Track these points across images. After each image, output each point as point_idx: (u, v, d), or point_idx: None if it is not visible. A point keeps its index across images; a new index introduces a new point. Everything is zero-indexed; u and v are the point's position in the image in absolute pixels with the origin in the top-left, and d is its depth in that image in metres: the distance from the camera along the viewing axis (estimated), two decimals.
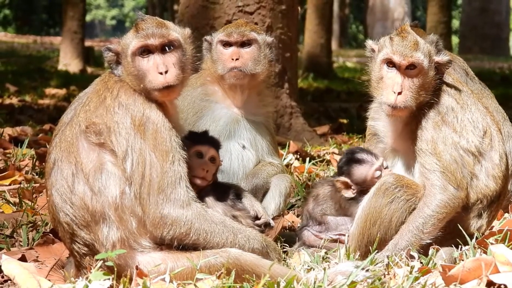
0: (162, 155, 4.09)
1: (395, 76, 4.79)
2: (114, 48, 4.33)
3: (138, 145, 4.08)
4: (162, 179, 4.07)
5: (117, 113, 4.12)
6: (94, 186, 4.06)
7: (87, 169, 4.08)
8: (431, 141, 4.76)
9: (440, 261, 4.51)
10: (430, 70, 4.81)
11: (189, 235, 4.10)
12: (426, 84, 4.80)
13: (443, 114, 4.80)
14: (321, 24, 19.76)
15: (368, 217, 4.74)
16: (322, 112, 14.45)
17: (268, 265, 4.07)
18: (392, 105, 4.75)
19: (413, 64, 4.77)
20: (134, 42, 4.25)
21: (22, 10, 55.58)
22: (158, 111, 4.17)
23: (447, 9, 21.79)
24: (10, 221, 5.50)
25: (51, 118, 11.65)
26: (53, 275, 4.42)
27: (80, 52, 21.08)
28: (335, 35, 39.25)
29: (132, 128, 4.09)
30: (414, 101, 4.77)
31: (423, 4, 57.28)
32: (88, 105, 4.19)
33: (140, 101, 4.17)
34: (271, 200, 5.31)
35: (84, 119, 4.15)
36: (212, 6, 9.47)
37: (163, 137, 4.11)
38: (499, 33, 41.46)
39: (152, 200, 4.06)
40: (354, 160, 5.03)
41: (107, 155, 4.09)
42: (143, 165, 4.07)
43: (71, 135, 4.16)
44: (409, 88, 4.77)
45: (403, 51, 4.77)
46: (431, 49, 4.88)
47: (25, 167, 7.40)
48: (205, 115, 5.34)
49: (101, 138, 4.09)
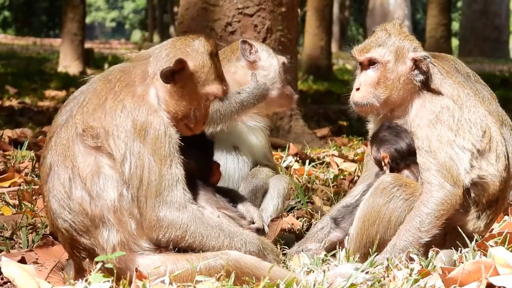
0: (160, 159, 4.08)
1: (359, 74, 4.84)
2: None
3: (137, 148, 4.06)
4: (159, 183, 4.06)
5: (119, 116, 4.08)
6: (92, 190, 4.03)
7: (84, 174, 4.04)
8: (426, 139, 4.77)
9: (439, 263, 4.51)
10: (397, 66, 4.80)
11: (184, 238, 4.09)
12: (389, 80, 4.79)
13: (437, 112, 4.80)
14: (321, 27, 19.77)
15: (367, 217, 4.75)
16: (322, 114, 14.45)
17: (268, 267, 4.06)
18: (352, 101, 4.81)
19: (371, 60, 4.78)
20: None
21: (22, 12, 55.65)
22: (163, 119, 4.13)
23: (447, 12, 21.83)
24: (10, 223, 5.50)
25: (51, 120, 11.52)
26: (53, 277, 4.42)
27: (80, 54, 21.07)
28: (335, 37, 39.26)
29: (133, 132, 4.07)
30: (375, 98, 4.78)
31: (423, 6, 57.31)
32: (86, 106, 4.13)
33: (146, 107, 4.13)
34: (270, 202, 5.31)
35: (81, 122, 4.10)
36: (212, 8, 9.47)
37: (162, 143, 4.09)
38: (499, 36, 41.50)
39: (149, 203, 4.05)
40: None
41: (104, 158, 4.06)
42: (142, 168, 4.06)
43: (66, 138, 4.11)
44: (367, 84, 4.79)
45: (362, 48, 4.80)
46: (407, 45, 4.85)
47: (24, 169, 7.40)
48: None
49: (98, 142, 4.05)
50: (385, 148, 4.91)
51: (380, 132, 4.94)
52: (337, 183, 7.35)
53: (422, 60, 4.81)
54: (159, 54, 4.27)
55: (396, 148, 4.88)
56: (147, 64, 4.27)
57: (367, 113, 4.92)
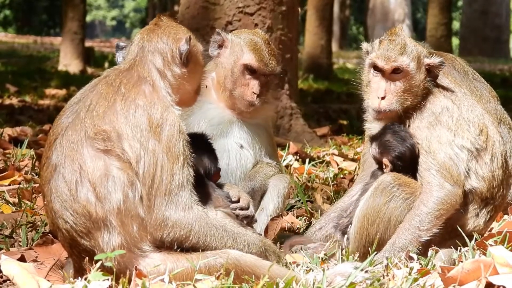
0: (174, 157, 4.08)
1: (380, 81, 4.82)
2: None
3: (152, 146, 4.06)
4: (170, 181, 4.07)
5: (133, 116, 4.07)
6: (100, 193, 4.01)
7: (94, 178, 4.01)
8: (425, 140, 4.77)
9: (439, 262, 4.51)
10: (418, 74, 4.83)
11: (188, 238, 4.10)
12: (413, 88, 4.82)
13: (437, 114, 4.81)
14: (321, 26, 19.75)
15: (366, 216, 4.75)
16: (322, 113, 14.45)
17: (268, 266, 4.07)
18: (376, 109, 4.80)
19: (398, 69, 4.79)
20: None
21: (23, 11, 55.66)
22: (175, 115, 4.16)
23: (447, 11, 21.82)
24: (10, 221, 5.50)
25: (51, 118, 11.65)
26: (52, 276, 4.42)
27: (80, 52, 21.07)
28: (336, 36, 39.25)
29: (148, 130, 4.07)
30: (400, 105, 4.81)
31: (424, 5, 57.31)
32: (95, 109, 4.11)
33: (160, 104, 4.14)
34: (270, 201, 5.30)
35: (92, 125, 4.07)
36: (213, 7, 9.47)
37: (177, 140, 4.11)
38: (500, 35, 41.49)
39: (157, 201, 4.05)
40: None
41: (113, 161, 4.04)
42: (155, 166, 4.06)
43: (74, 141, 4.08)
44: (393, 93, 4.81)
45: (387, 55, 4.79)
46: (422, 52, 4.88)
47: (24, 167, 7.40)
48: (196, 113, 5.31)
49: (109, 145, 4.04)
50: (388, 154, 4.89)
51: (384, 135, 4.91)
52: (337, 182, 7.35)
53: (438, 67, 4.85)
54: (151, 49, 4.33)
55: (399, 156, 4.86)
56: (144, 63, 4.29)
57: (387, 119, 4.91)
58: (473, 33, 40.59)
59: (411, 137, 4.84)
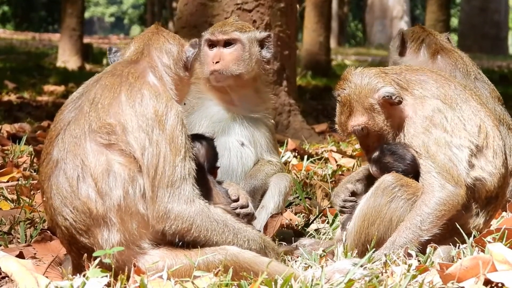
0: (176, 148, 4.10)
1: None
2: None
3: (156, 136, 4.07)
4: (172, 173, 4.07)
5: (139, 105, 4.09)
6: (101, 189, 4.00)
7: (96, 173, 4.01)
8: (423, 146, 4.74)
9: (437, 259, 4.51)
10: (392, 110, 4.84)
11: (190, 231, 4.10)
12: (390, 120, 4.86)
13: (430, 117, 4.77)
14: (320, 22, 19.74)
15: (367, 216, 4.73)
16: (320, 110, 14.46)
17: (266, 263, 4.07)
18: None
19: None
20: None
21: (21, 7, 55.59)
22: (179, 108, 4.19)
23: (446, 8, 21.79)
24: (8, 218, 5.50)
25: (49, 115, 11.65)
26: (51, 272, 4.42)
27: (78, 49, 21.08)
28: (334, 33, 39.23)
29: (154, 119, 4.08)
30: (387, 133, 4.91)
31: (422, 2, 57.27)
32: (100, 102, 4.10)
33: (165, 95, 4.19)
34: (270, 199, 5.29)
35: (96, 118, 4.06)
36: (211, 4, 9.46)
37: (180, 131, 4.13)
38: (498, 32, 41.48)
39: (160, 193, 4.06)
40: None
41: (115, 156, 4.03)
42: (158, 157, 4.06)
43: (78, 135, 4.06)
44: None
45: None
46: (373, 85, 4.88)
47: (23, 164, 7.41)
48: (197, 111, 5.33)
49: (112, 139, 4.03)
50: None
51: (383, 157, 4.87)
52: (335, 179, 7.35)
53: (389, 99, 4.79)
54: (158, 47, 4.40)
55: (403, 175, 4.84)
56: (151, 57, 4.35)
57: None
58: (471, 30, 40.57)
59: (409, 151, 4.81)
